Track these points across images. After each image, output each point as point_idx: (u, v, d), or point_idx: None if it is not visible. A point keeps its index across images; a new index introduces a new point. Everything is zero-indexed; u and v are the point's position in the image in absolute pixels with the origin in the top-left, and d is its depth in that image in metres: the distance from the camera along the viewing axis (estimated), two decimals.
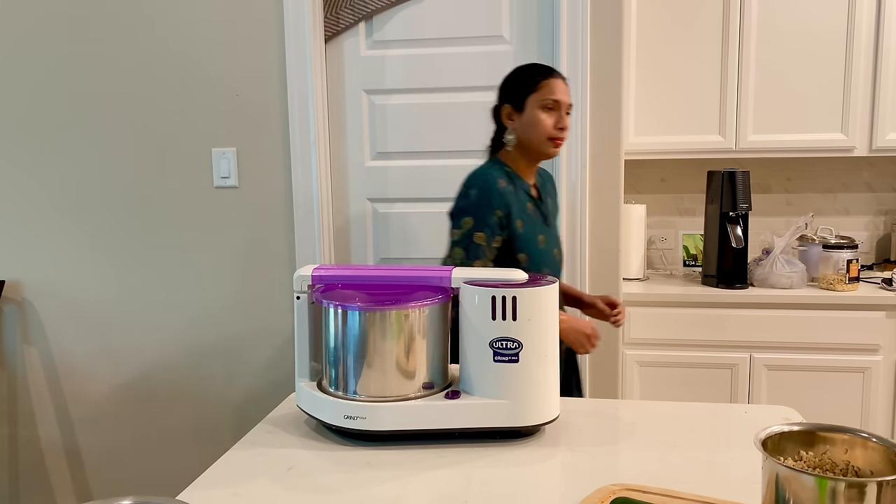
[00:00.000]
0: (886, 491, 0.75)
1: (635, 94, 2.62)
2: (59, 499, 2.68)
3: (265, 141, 2.40)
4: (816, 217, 2.84)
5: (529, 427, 1.23)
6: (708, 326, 2.45)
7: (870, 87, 2.53)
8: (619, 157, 2.31)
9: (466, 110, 2.40)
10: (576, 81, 2.27)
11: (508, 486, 1.07)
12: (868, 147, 2.56)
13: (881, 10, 2.48)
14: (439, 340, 1.28)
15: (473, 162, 2.39)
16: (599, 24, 2.26)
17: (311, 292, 1.32)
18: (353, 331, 1.24)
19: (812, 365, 2.42)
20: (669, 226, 2.95)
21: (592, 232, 2.34)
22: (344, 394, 1.25)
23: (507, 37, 2.36)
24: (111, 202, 2.50)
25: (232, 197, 2.44)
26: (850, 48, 2.51)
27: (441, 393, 1.25)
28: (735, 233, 2.51)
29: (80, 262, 2.54)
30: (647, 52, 2.60)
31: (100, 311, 2.55)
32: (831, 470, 0.87)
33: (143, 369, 2.55)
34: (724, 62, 2.57)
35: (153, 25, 2.40)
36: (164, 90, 2.43)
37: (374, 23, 2.41)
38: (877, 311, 2.39)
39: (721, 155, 2.64)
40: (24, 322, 2.60)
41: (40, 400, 2.63)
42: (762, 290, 2.49)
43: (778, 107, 2.57)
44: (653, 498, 0.99)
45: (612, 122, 2.29)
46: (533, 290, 1.20)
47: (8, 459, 2.69)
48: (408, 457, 1.17)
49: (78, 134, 2.48)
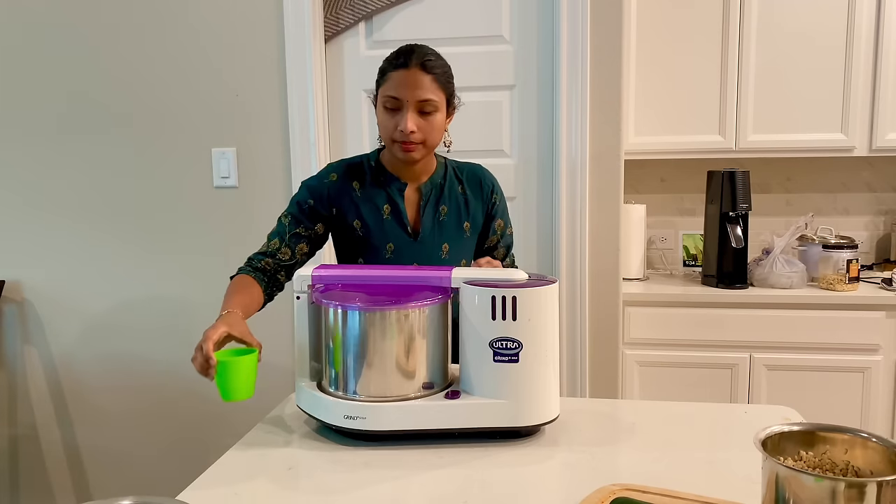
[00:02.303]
0: (886, 491, 0.75)
1: (635, 94, 2.62)
2: (59, 499, 2.68)
3: (265, 141, 2.40)
4: (816, 217, 2.84)
5: (529, 427, 1.23)
6: (708, 326, 2.45)
7: (870, 87, 2.53)
8: (619, 157, 2.31)
9: (466, 110, 2.39)
10: (576, 81, 2.27)
11: (508, 486, 1.07)
12: (868, 147, 2.56)
13: (881, 10, 2.48)
14: (439, 340, 1.28)
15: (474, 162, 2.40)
16: (599, 24, 2.26)
17: (311, 292, 1.32)
18: (353, 331, 1.24)
19: (812, 365, 2.42)
20: (669, 226, 2.95)
21: (592, 232, 2.34)
22: (344, 394, 1.25)
23: (507, 37, 2.36)
24: (111, 202, 2.50)
25: (232, 197, 2.44)
26: (850, 48, 2.51)
27: (441, 393, 1.25)
28: (735, 233, 2.51)
29: (80, 262, 2.54)
30: (646, 52, 2.60)
31: (100, 310, 2.55)
32: (831, 470, 0.87)
33: (143, 369, 2.55)
34: (724, 62, 2.57)
35: (153, 26, 2.40)
36: (165, 90, 2.43)
37: (374, 23, 2.41)
38: (877, 311, 2.39)
39: (721, 155, 2.63)
40: (24, 322, 2.60)
41: (40, 400, 2.63)
42: (762, 290, 2.49)
43: (778, 107, 2.57)
44: (653, 498, 0.99)
45: (612, 122, 2.29)
46: (533, 290, 1.20)
47: (8, 459, 2.68)
48: (408, 457, 1.18)
49: (78, 134, 2.48)
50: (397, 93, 1.44)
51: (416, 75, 1.44)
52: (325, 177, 1.59)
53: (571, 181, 2.31)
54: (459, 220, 1.61)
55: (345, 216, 1.56)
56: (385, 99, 1.46)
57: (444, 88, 1.49)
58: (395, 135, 1.46)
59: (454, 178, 1.62)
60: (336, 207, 1.57)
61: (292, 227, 1.55)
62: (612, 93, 2.28)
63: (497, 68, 2.37)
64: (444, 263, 1.57)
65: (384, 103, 1.47)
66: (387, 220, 1.56)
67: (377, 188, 1.57)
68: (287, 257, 1.54)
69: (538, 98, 2.36)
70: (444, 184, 1.60)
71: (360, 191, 1.57)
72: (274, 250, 1.54)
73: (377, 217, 1.56)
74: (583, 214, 2.32)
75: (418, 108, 1.45)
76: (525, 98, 2.37)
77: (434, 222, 1.58)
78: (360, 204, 1.56)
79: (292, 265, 1.55)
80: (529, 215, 2.41)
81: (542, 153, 2.38)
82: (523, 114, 2.38)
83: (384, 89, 1.47)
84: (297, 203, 1.58)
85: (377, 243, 1.56)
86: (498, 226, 1.66)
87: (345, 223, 1.57)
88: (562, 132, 2.30)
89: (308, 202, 1.56)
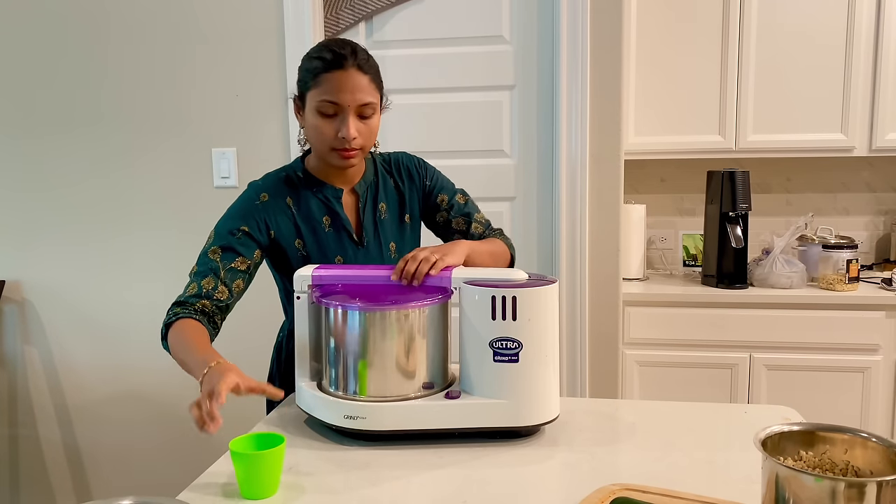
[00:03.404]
0: (886, 491, 0.75)
1: (635, 94, 2.62)
2: (59, 499, 2.68)
3: (265, 141, 2.40)
4: (816, 217, 2.84)
5: (529, 427, 1.23)
6: (708, 326, 2.45)
7: (869, 87, 2.53)
8: (619, 157, 2.31)
9: (466, 110, 2.40)
10: (576, 81, 2.27)
11: (508, 486, 1.07)
12: (868, 147, 2.56)
13: (881, 9, 2.48)
14: (439, 340, 1.28)
15: (474, 162, 2.40)
16: (599, 24, 2.26)
17: (311, 292, 1.32)
18: (353, 331, 1.24)
19: (812, 365, 2.42)
20: (669, 226, 2.95)
21: (592, 232, 2.34)
22: (344, 394, 1.25)
23: (507, 37, 2.36)
24: (111, 202, 2.50)
25: (232, 197, 2.42)
26: (850, 48, 2.51)
27: (441, 393, 1.25)
28: (735, 233, 2.51)
29: (80, 262, 2.54)
30: (646, 52, 2.60)
31: (100, 310, 2.55)
32: (831, 470, 0.87)
33: (143, 369, 2.55)
34: (724, 62, 2.57)
35: (153, 26, 2.40)
36: (165, 90, 2.43)
37: (374, 23, 2.41)
38: (877, 311, 2.39)
39: (721, 155, 2.64)
40: (24, 322, 2.60)
41: (40, 400, 2.63)
42: (762, 290, 2.49)
43: (778, 107, 2.57)
44: (653, 498, 0.99)
45: (612, 122, 2.29)
46: (533, 290, 1.20)
47: (8, 459, 2.69)
48: (408, 457, 1.17)
49: (78, 134, 2.48)
50: (336, 97, 1.33)
51: (355, 77, 1.33)
52: (255, 198, 1.43)
53: (571, 181, 2.31)
54: (400, 215, 1.52)
55: (283, 238, 1.43)
56: (321, 104, 1.34)
57: (379, 89, 1.40)
58: (335, 142, 1.35)
59: (385, 173, 1.53)
60: (274, 230, 1.43)
61: (227, 262, 1.37)
62: (612, 93, 2.28)
63: (497, 68, 2.37)
64: (395, 262, 1.42)
65: (319, 108, 1.34)
66: (329, 232, 1.45)
67: (312, 200, 1.45)
68: (224, 297, 1.36)
69: (538, 98, 2.36)
70: (377, 181, 1.51)
71: (295, 207, 1.44)
72: (210, 290, 1.34)
73: (318, 231, 1.45)
74: (583, 214, 2.32)
75: (358, 112, 1.35)
76: (525, 98, 2.37)
77: (375, 223, 1.49)
78: (299, 221, 1.44)
79: (227, 306, 1.38)
80: (529, 215, 2.41)
81: (542, 153, 2.38)
82: (523, 114, 2.38)
83: (318, 93, 1.34)
84: (228, 234, 1.39)
85: (323, 259, 1.45)
86: (441, 200, 1.55)
87: (285, 246, 1.44)
88: (562, 132, 2.30)
89: (241, 230, 1.39)
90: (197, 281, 1.36)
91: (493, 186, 2.42)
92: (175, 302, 1.36)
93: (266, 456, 1.03)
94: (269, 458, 1.03)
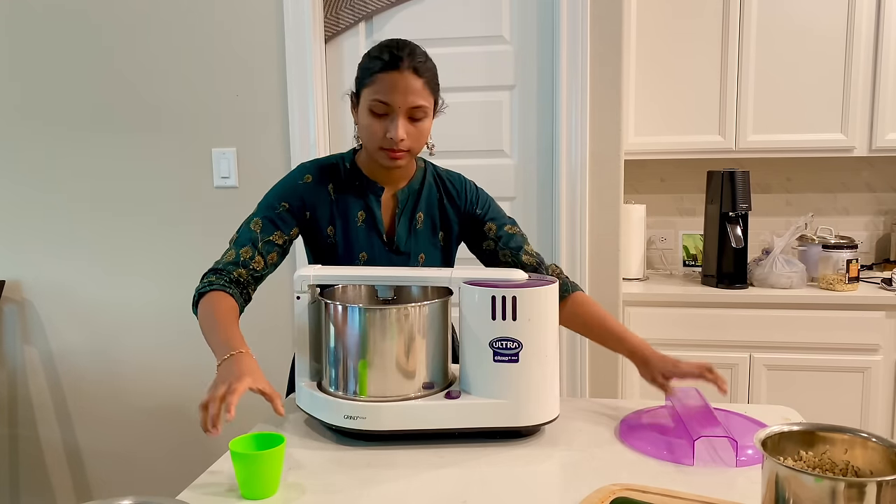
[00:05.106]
0: (886, 491, 0.75)
1: (635, 94, 2.62)
2: (59, 499, 2.68)
3: (265, 141, 2.40)
4: (816, 217, 2.84)
5: (529, 427, 1.23)
6: (708, 326, 2.45)
7: (869, 87, 2.53)
8: (619, 157, 2.31)
9: (466, 110, 2.40)
10: (576, 81, 2.27)
11: (508, 486, 1.07)
12: (868, 147, 2.56)
13: (881, 9, 2.48)
14: (439, 340, 1.28)
15: (474, 162, 2.40)
16: (599, 24, 2.26)
17: (311, 292, 1.32)
18: (353, 330, 1.24)
19: (812, 365, 2.42)
20: (669, 226, 2.95)
21: (592, 232, 2.34)
22: (344, 394, 1.25)
23: (507, 37, 2.36)
24: (111, 202, 2.50)
25: (232, 197, 2.44)
26: (850, 48, 2.51)
27: (441, 393, 1.25)
28: (735, 233, 2.51)
29: (80, 262, 2.54)
30: (646, 52, 2.60)
31: (100, 311, 2.55)
32: (831, 470, 0.87)
33: (143, 369, 2.55)
34: (724, 62, 2.57)
35: (153, 26, 2.40)
36: (165, 90, 2.43)
37: (374, 23, 2.41)
38: (877, 311, 2.39)
39: (721, 155, 2.64)
40: (24, 322, 2.60)
41: (40, 400, 2.63)
42: (762, 290, 2.49)
43: (778, 106, 2.57)
44: (653, 498, 0.99)
45: (612, 122, 2.29)
46: (533, 290, 1.20)
47: (8, 459, 2.69)
48: (408, 457, 1.18)
49: (78, 134, 2.48)
50: (388, 98, 1.34)
51: (409, 79, 1.34)
52: (298, 178, 1.47)
53: (571, 181, 2.31)
54: (434, 230, 1.52)
55: (318, 222, 1.47)
56: (373, 103, 1.36)
57: (434, 93, 1.42)
58: (384, 142, 1.37)
59: (433, 185, 1.53)
60: (310, 212, 1.47)
61: (266, 234, 1.42)
62: (612, 93, 2.28)
63: (497, 68, 2.37)
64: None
65: (371, 107, 1.36)
66: (360, 227, 1.47)
67: (352, 193, 1.48)
68: (260, 267, 1.41)
69: (538, 98, 2.36)
70: (420, 190, 1.51)
71: (335, 194, 1.47)
72: (247, 259, 1.39)
73: (351, 224, 1.47)
74: (583, 214, 2.32)
75: (409, 114, 1.36)
76: (525, 98, 2.37)
77: (409, 231, 1.50)
78: (335, 209, 1.47)
79: (261, 277, 1.43)
80: (529, 215, 2.41)
81: (542, 153, 2.38)
82: (523, 114, 2.38)
83: (371, 91, 1.36)
84: (270, 206, 1.45)
85: (349, 252, 1.47)
86: (488, 228, 1.53)
87: (317, 229, 1.47)
88: (562, 132, 2.30)
89: (282, 205, 1.45)
90: (236, 249, 1.41)
91: (493, 186, 2.40)
92: (211, 269, 1.40)
93: (266, 456, 1.03)
94: (269, 458, 1.04)
